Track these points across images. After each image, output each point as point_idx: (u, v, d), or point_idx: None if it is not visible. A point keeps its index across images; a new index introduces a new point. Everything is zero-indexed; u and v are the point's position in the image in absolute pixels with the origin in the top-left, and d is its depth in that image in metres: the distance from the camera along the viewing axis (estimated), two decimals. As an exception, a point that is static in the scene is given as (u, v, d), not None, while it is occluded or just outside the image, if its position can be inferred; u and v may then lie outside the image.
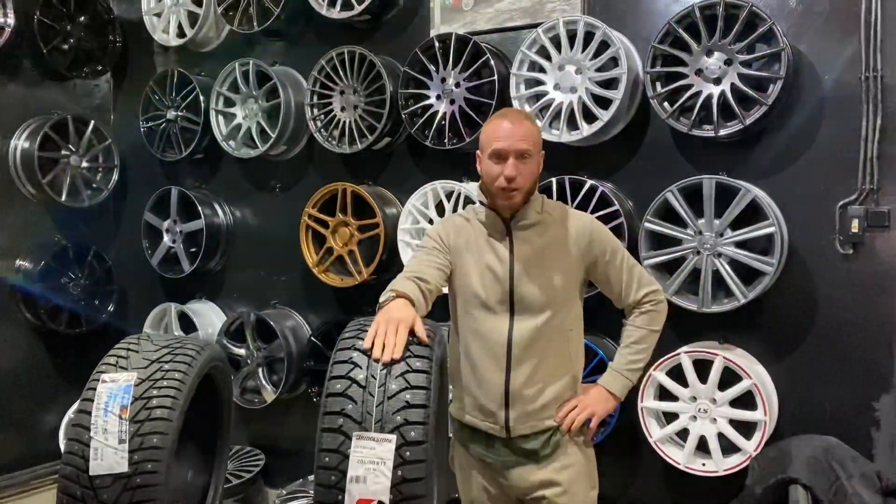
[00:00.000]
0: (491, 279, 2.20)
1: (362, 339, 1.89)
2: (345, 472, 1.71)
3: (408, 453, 1.72)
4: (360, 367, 1.82)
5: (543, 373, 2.21)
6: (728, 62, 2.90)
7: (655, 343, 2.34)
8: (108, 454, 1.96)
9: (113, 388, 2.04)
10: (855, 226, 2.84)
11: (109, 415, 2.00)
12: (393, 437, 1.73)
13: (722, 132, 2.90)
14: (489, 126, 2.19)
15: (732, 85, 2.87)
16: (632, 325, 2.32)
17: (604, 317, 3.25)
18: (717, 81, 2.91)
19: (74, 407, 4.12)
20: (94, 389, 2.03)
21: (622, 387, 2.29)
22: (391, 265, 3.72)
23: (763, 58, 2.88)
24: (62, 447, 4.12)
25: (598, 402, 2.25)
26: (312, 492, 1.78)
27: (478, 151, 2.22)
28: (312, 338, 3.92)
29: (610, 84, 3.11)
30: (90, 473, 1.94)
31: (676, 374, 2.99)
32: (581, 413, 2.22)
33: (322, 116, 3.79)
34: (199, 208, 4.16)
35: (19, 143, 4.25)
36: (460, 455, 2.38)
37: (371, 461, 1.70)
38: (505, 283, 2.19)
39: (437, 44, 3.43)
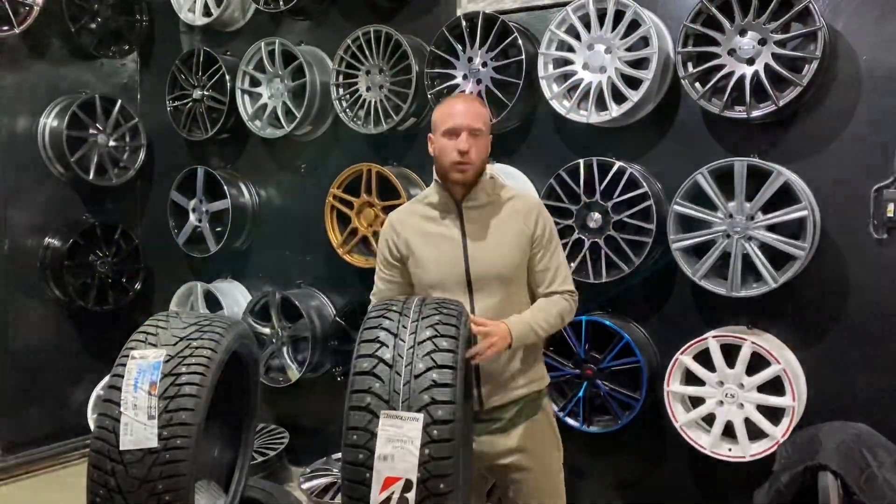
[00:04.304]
0: (446, 262, 2.23)
1: (388, 318, 1.89)
2: (372, 450, 1.72)
3: (435, 432, 1.72)
4: (387, 346, 1.82)
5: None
6: (762, 42, 2.84)
7: (552, 331, 2.27)
8: (138, 429, 1.99)
9: (143, 364, 2.06)
10: (890, 210, 2.79)
11: (139, 391, 2.02)
12: (420, 415, 1.73)
13: (755, 113, 2.85)
14: (441, 107, 2.27)
15: (766, 65, 2.82)
16: (545, 301, 2.28)
17: (629, 299, 3.24)
18: (751, 62, 2.85)
19: (103, 382, 4.18)
20: (125, 365, 2.06)
21: (522, 336, 2.18)
22: (416, 246, 3.71)
23: (798, 37, 2.82)
24: (90, 422, 4.18)
25: (503, 340, 2.14)
26: (339, 469, 1.79)
27: (429, 135, 2.26)
28: (337, 318, 3.94)
29: (640, 64, 3.06)
30: (120, 448, 1.97)
31: (704, 358, 2.97)
32: (492, 349, 2.12)
33: (347, 96, 3.78)
34: (225, 188, 4.17)
35: (48, 121, 4.30)
36: None
37: (399, 439, 1.70)
38: (459, 264, 2.22)
39: (463, 23, 3.40)
